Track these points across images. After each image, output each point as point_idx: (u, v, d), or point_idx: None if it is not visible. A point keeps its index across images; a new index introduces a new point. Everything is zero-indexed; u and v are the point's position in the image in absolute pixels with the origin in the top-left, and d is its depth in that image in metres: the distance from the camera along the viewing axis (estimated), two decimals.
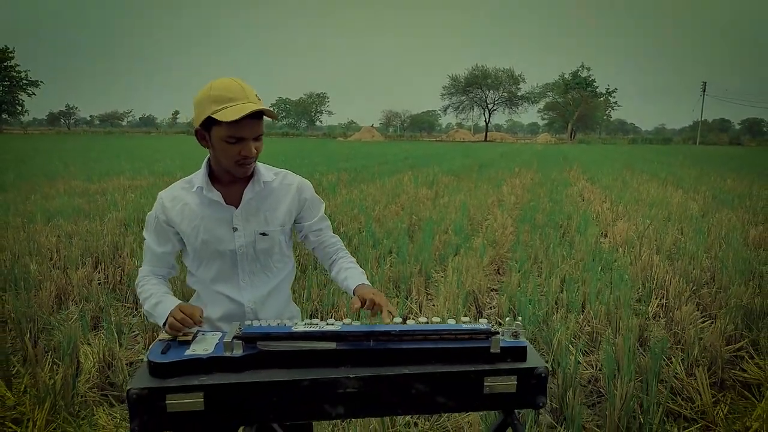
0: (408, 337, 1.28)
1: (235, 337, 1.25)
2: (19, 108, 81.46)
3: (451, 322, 1.33)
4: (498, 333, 1.28)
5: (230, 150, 1.49)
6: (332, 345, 1.26)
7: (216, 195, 1.59)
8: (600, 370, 3.21)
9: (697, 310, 4.05)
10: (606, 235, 6.92)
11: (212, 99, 1.46)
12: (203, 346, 1.28)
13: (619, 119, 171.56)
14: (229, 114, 1.42)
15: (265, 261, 1.68)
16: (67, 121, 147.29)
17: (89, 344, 3.35)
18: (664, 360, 3.17)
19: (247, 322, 1.33)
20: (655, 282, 4.60)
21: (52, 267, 4.91)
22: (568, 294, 4.21)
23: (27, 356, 3.05)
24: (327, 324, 1.30)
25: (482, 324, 1.31)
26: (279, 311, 1.74)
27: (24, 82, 79.76)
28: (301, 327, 1.28)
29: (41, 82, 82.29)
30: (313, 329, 1.28)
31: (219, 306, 1.66)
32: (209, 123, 1.48)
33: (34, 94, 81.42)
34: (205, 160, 1.63)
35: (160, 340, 1.33)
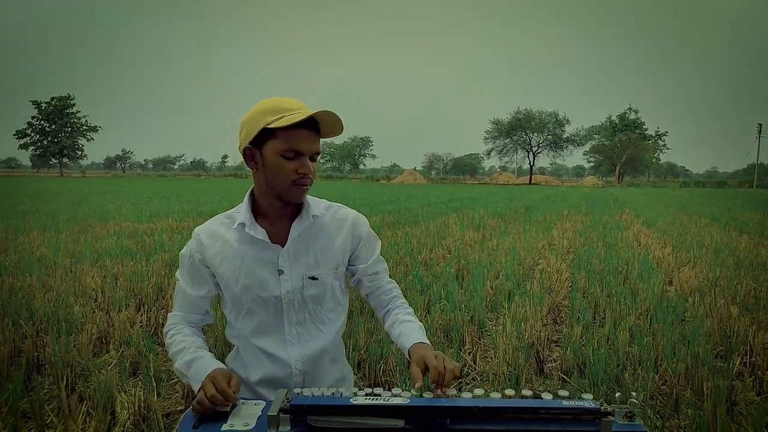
0: (495, 415, 1.02)
1: (281, 410, 1.02)
2: (79, 152, 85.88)
3: (547, 396, 1.07)
4: (610, 414, 1.01)
5: (286, 167, 1.28)
6: (400, 423, 1.02)
7: (260, 232, 1.37)
8: None
9: None
10: (671, 283, 6.44)
11: (267, 111, 1.27)
12: (243, 420, 1.05)
13: (669, 162, 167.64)
14: (288, 120, 1.23)
15: (315, 310, 1.43)
16: (122, 165, 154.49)
17: (126, 392, 3.18)
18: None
19: (296, 390, 1.10)
20: (736, 337, 4.15)
21: (96, 308, 4.82)
22: (639, 348, 3.82)
23: (61, 405, 2.89)
24: (393, 395, 1.06)
25: (588, 400, 1.04)
26: (331, 372, 1.49)
27: (84, 127, 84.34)
28: (361, 398, 1.05)
29: (99, 127, 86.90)
30: (377, 402, 1.04)
31: (259, 366, 1.42)
32: (262, 138, 1.28)
33: (92, 139, 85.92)
34: (248, 192, 1.41)
35: (193, 409, 1.12)
